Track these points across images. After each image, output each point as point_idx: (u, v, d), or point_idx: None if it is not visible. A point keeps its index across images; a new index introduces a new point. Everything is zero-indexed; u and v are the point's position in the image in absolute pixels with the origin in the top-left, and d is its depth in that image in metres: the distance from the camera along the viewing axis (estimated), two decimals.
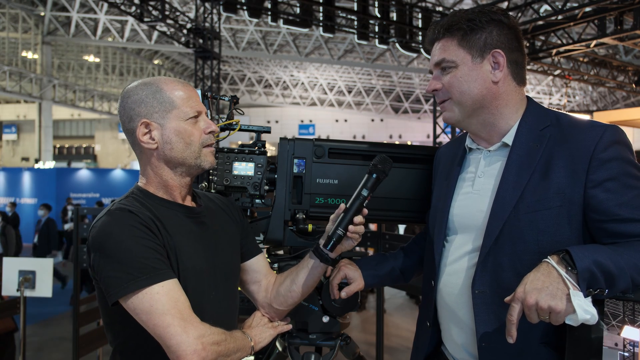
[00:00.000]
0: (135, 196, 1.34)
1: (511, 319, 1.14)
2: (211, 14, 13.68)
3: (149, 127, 1.32)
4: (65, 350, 5.53)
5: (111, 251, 1.21)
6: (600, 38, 10.64)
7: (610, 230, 1.26)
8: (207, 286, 1.34)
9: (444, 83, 1.41)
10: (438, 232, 1.50)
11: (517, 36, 1.40)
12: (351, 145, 1.76)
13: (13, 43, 22.39)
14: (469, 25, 1.37)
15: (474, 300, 1.35)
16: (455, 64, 1.38)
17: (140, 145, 1.34)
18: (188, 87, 1.37)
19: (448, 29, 1.40)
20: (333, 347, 1.77)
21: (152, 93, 1.32)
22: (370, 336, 5.65)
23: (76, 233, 3.58)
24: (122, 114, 1.34)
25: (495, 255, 1.33)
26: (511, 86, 1.40)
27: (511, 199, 1.32)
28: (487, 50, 1.37)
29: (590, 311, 1.11)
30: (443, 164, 1.61)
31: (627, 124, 10.48)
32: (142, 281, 1.18)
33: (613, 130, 1.30)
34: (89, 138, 35.42)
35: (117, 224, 1.23)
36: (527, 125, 1.39)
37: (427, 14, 13.22)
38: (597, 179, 1.26)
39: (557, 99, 27.06)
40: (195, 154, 1.34)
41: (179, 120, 1.32)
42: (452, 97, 1.41)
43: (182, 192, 1.39)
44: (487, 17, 1.37)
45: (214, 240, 1.41)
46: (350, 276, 1.64)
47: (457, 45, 1.38)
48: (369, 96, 30.86)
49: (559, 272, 1.14)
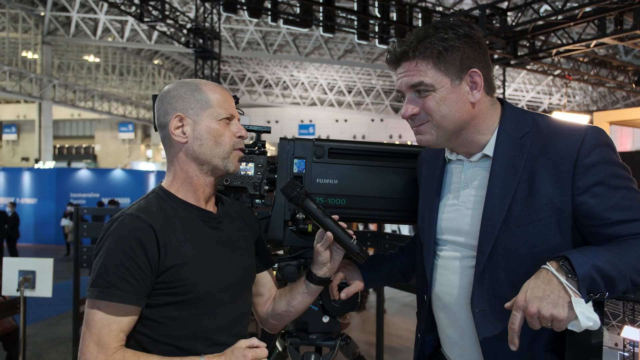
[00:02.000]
0: (156, 195, 1.36)
1: (513, 327, 1.14)
2: (211, 14, 13.69)
3: (183, 122, 1.34)
4: (65, 350, 5.53)
5: (100, 253, 1.26)
6: (600, 38, 10.65)
7: (603, 234, 1.26)
8: (218, 291, 1.34)
9: (423, 107, 1.34)
10: (426, 246, 1.48)
11: (485, 49, 1.36)
12: (351, 145, 1.76)
13: (13, 43, 22.40)
14: (443, 45, 1.30)
15: (476, 319, 1.33)
16: (434, 87, 1.31)
17: (170, 139, 1.36)
18: (225, 91, 1.41)
19: (421, 50, 1.31)
20: (333, 347, 1.77)
21: (190, 91, 1.36)
22: (370, 336, 5.65)
23: (76, 233, 3.58)
24: (159, 109, 1.37)
25: (491, 271, 1.32)
26: (485, 102, 1.37)
27: (499, 214, 1.30)
28: (464, 70, 1.31)
29: (592, 318, 1.10)
30: (425, 172, 1.58)
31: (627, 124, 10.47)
32: (97, 292, 1.22)
33: (593, 133, 1.27)
34: (89, 138, 35.45)
35: (118, 231, 1.26)
36: (505, 134, 1.35)
37: (427, 14, 13.23)
38: (584, 186, 1.25)
39: (557, 99, 27.06)
40: (224, 154, 1.36)
41: (212, 119, 1.35)
42: (432, 120, 1.35)
43: (206, 192, 1.39)
44: (456, 33, 1.31)
45: (229, 246, 1.41)
46: (350, 277, 1.64)
47: (434, 68, 1.31)
48: (369, 96, 30.86)
49: (560, 279, 1.13)
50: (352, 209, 1.71)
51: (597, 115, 10.48)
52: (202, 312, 1.30)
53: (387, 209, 1.73)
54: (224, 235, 1.41)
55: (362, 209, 1.71)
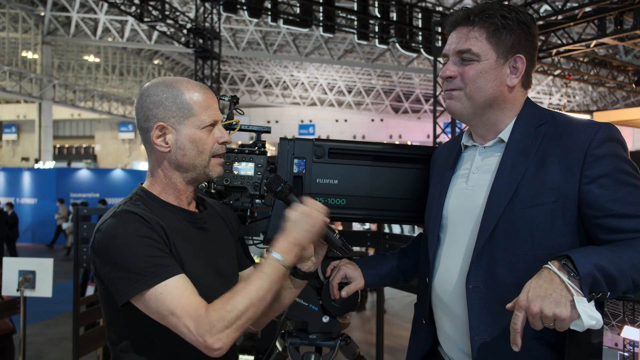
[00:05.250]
0: (139, 197, 1.34)
1: (515, 327, 1.13)
2: (211, 14, 13.68)
3: (164, 131, 1.31)
4: (65, 350, 5.53)
5: (118, 253, 1.21)
6: (600, 38, 10.64)
7: (605, 226, 1.27)
8: (209, 290, 1.32)
9: (462, 73, 1.38)
10: (432, 229, 1.50)
11: (536, 45, 1.41)
12: (351, 145, 1.76)
13: (13, 43, 22.40)
14: (503, 22, 1.34)
15: (468, 295, 1.35)
16: (480, 58, 1.36)
17: (152, 147, 1.34)
18: (208, 93, 1.36)
19: (482, 18, 1.35)
20: (333, 347, 1.77)
21: (172, 97, 1.31)
22: (370, 336, 5.66)
23: (76, 233, 3.58)
24: (139, 111, 1.34)
25: (490, 250, 1.33)
26: (520, 91, 1.42)
27: (506, 194, 1.32)
28: (512, 52, 1.36)
29: (595, 316, 1.10)
30: (439, 164, 1.61)
31: (627, 124, 10.48)
32: (150, 280, 1.18)
33: (607, 127, 1.31)
34: (89, 138, 35.43)
35: (123, 226, 1.23)
36: (522, 122, 1.39)
37: (427, 14, 13.24)
38: (592, 175, 1.27)
39: (557, 99, 27.06)
40: (205, 162, 1.35)
41: (195, 128, 1.32)
42: (465, 88, 1.38)
43: (189, 196, 1.39)
44: (518, 17, 1.36)
45: (214, 245, 1.40)
46: (350, 275, 1.65)
47: (486, 40, 1.35)
48: (369, 96, 30.86)
49: (562, 278, 1.13)
50: (352, 209, 1.71)
51: (597, 115, 10.50)
52: None
53: (387, 209, 1.73)
54: (209, 235, 1.40)
55: (362, 209, 1.71)
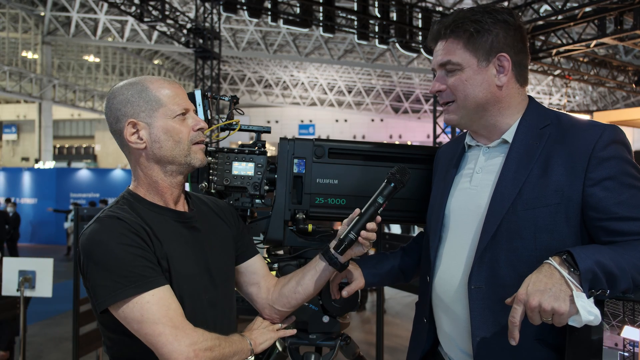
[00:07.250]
0: (126, 200, 1.33)
1: (514, 321, 1.13)
2: (211, 14, 13.68)
3: (137, 127, 1.30)
4: (65, 350, 5.53)
5: (99, 259, 1.20)
6: (600, 38, 10.64)
7: (608, 229, 1.26)
8: (200, 290, 1.33)
9: (449, 85, 1.41)
10: (434, 227, 1.50)
11: (522, 37, 1.40)
12: (351, 145, 1.76)
13: (13, 43, 22.38)
14: (475, 27, 1.35)
15: (470, 295, 1.35)
16: (461, 66, 1.37)
17: (128, 146, 1.33)
18: (174, 84, 1.36)
19: (454, 30, 1.38)
20: (333, 347, 1.77)
21: (137, 92, 1.31)
22: (370, 336, 5.66)
23: (76, 233, 3.58)
24: (109, 116, 1.33)
25: (492, 250, 1.33)
26: (514, 88, 1.41)
27: (509, 195, 1.32)
28: (492, 53, 1.37)
29: (593, 312, 1.10)
30: (442, 163, 1.61)
31: (627, 124, 10.47)
32: (131, 289, 1.18)
33: (612, 129, 1.30)
34: (89, 138, 35.41)
35: (106, 231, 1.22)
36: (527, 123, 1.39)
37: (427, 14, 13.22)
38: (596, 177, 1.27)
39: (557, 99, 27.05)
40: (184, 151, 1.33)
41: (166, 118, 1.31)
42: (456, 99, 1.40)
43: (174, 194, 1.37)
44: (493, 17, 1.36)
45: (205, 244, 1.39)
46: (351, 275, 1.64)
47: (463, 48, 1.37)
48: (369, 96, 30.85)
49: (562, 273, 1.13)
50: (352, 209, 1.69)
51: (597, 115, 10.50)
52: (186, 312, 1.27)
53: (387, 208, 1.73)
54: (199, 235, 1.39)
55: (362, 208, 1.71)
